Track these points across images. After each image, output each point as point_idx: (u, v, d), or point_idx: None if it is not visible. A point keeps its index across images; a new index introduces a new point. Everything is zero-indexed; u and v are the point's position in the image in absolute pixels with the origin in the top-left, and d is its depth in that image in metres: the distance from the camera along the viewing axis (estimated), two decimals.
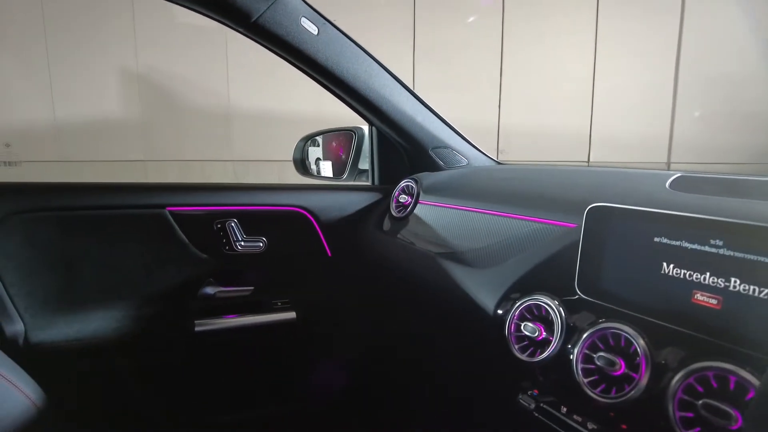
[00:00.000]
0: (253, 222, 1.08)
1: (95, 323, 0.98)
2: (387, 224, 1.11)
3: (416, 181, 1.09)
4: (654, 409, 0.49)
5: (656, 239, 0.57)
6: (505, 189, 0.92)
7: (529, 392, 0.67)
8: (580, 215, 0.64)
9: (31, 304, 0.93)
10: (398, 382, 1.23)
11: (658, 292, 0.57)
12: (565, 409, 0.63)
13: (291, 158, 1.41)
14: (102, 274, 0.99)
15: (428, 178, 1.10)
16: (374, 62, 1.03)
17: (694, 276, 0.54)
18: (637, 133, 4.14)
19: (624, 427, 0.55)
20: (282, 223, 1.11)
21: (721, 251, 0.52)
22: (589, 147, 4.25)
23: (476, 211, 0.89)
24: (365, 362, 1.26)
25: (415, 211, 1.05)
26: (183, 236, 1.03)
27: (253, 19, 0.86)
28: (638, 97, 4.11)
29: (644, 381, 0.50)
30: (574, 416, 0.62)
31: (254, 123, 4.02)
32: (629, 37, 4.01)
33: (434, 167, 1.18)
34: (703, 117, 4.09)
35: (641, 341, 0.52)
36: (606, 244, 0.62)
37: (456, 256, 0.86)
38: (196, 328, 1.03)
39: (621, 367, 0.52)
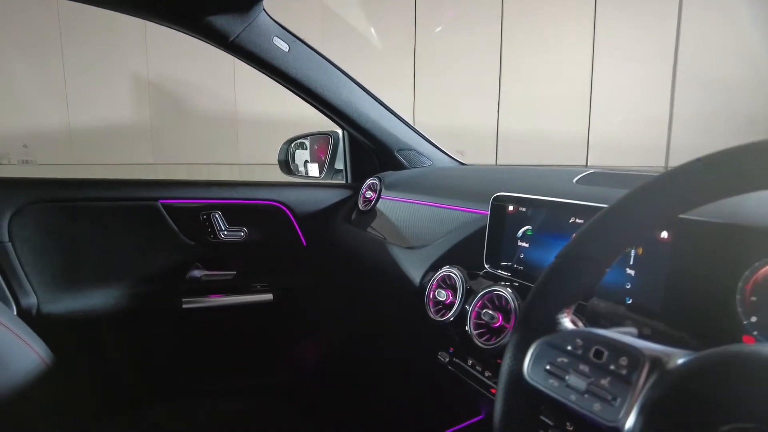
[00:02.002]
0: (235, 214, 1.23)
1: (96, 299, 1.13)
2: (354, 217, 1.25)
3: (380, 179, 1.23)
4: None
5: (538, 219, 0.71)
6: (447, 185, 1.06)
7: (447, 349, 0.81)
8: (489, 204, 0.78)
9: (42, 281, 1.09)
10: (357, 352, 1.37)
11: (536, 262, 0.71)
12: (470, 362, 0.77)
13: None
14: (103, 257, 1.15)
15: (391, 176, 1.24)
16: (342, 74, 1.18)
17: (557, 246, 0.67)
18: (635, 137, 4.21)
19: None
20: (261, 216, 1.26)
21: (579, 226, 0.65)
22: (587, 151, 4.34)
23: (422, 204, 1.03)
24: (333, 337, 1.41)
25: (377, 205, 1.19)
26: (173, 225, 1.18)
27: (231, 39, 1.01)
28: (636, 101, 4.18)
29: (512, 330, 0.64)
30: (477, 367, 0.75)
31: (260, 127, 4.18)
32: (627, 42, 4.08)
33: (400, 167, 1.31)
34: (701, 120, 4.15)
35: (515, 301, 0.66)
36: (504, 225, 0.76)
37: (400, 240, 1.00)
38: (184, 306, 1.18)
39: (498, 320, 0.66)
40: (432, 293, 0.80)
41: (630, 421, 0.34)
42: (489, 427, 0.89)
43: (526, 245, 0.73)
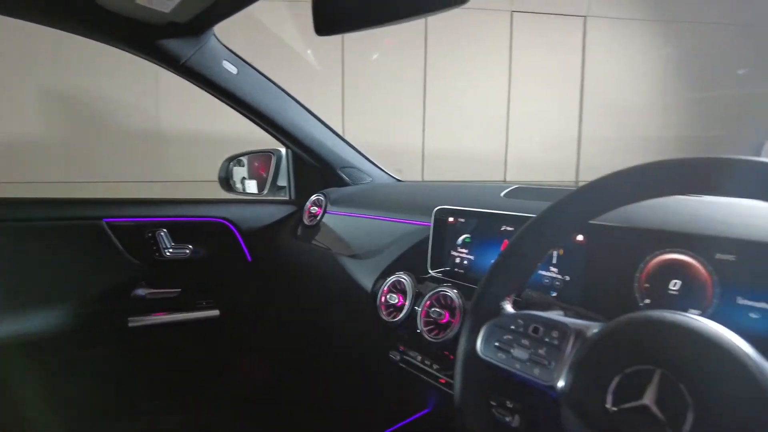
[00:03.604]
0: (180, 231, 1.24)
1: (38, 320, 1.10)
2: (300, 231, 1.31)
3: (325, 195, 1.30)
4: None
5: (474, 228, 0.82)
6: (390, 200, 1.16)
7: (397, 349, 0.90)
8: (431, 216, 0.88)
9: None
10: (308, 360, 1.42)
11: (474, 265, 0.81)
12: (419, 358, 0.86)
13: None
14: (46, 278, 1.12)
15: (336, 192, 1.32)
16: (288, 96, 1.24)
17: (492, 251, 0.78)
18: (548, 155, 4.60)
19: (450, 356, 0.78)
20: (206, 233, 1.28)
21: (509, 233, 0.77)
22: (505, 168, 4.67)
23: (368, 218, 1.12)
24: (283, 347, 1.44)
25: (323, 219, 1.26)
26: (118, 244, 1.18)
27: (182, 62, 1.04)
28: (549, 122, 4.58)
29: (457, 324, 0.74)
30: (425, 362, 0.84)
31: (186, 143, 4.06)
32: (539, 69, 4.48)
33: (342, 184, 1.39)
34: (605, 141, 4.62)
35: (459, 299, 0.75)
36: (445, 234, 0.86)
37: (349, 252, 1.08)
38: (130, 324, 1.17)
39: (445, 317, 0.76)
40: (384, 297, 0.88)
41: (561, 380, 0.44)
42: (435, 420, 0.98)
43: (466, 251, 0.83)
